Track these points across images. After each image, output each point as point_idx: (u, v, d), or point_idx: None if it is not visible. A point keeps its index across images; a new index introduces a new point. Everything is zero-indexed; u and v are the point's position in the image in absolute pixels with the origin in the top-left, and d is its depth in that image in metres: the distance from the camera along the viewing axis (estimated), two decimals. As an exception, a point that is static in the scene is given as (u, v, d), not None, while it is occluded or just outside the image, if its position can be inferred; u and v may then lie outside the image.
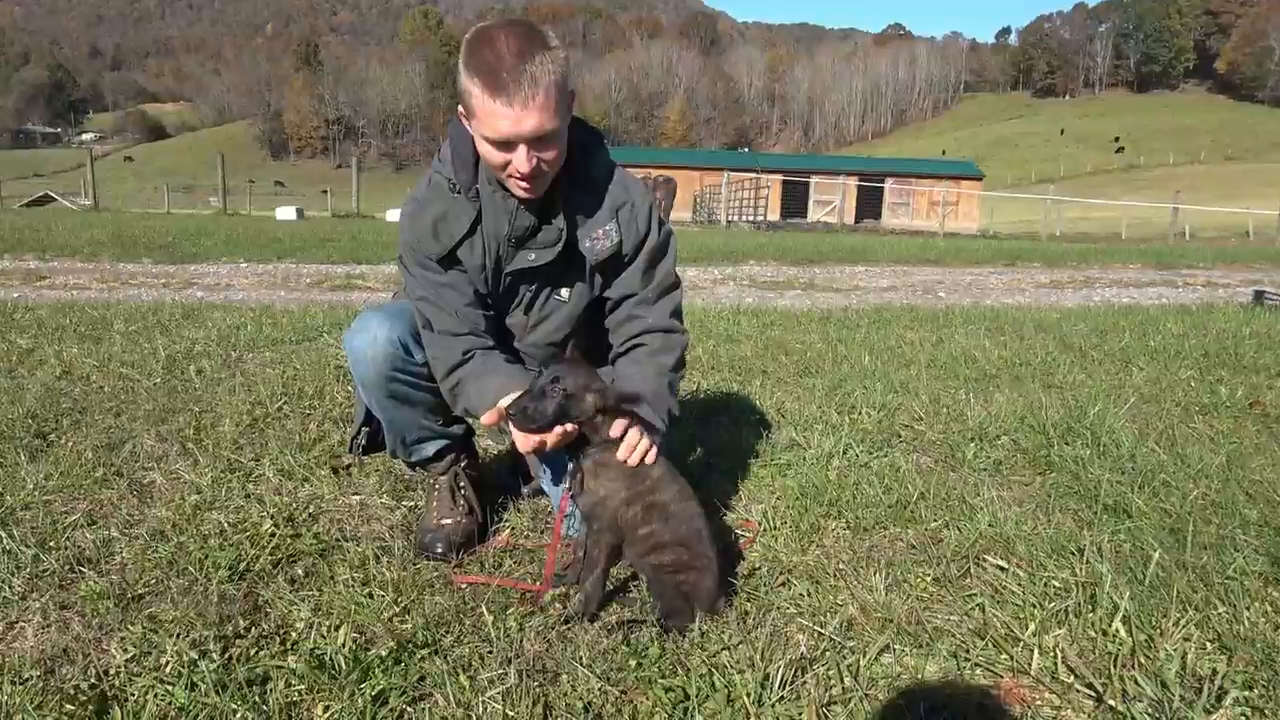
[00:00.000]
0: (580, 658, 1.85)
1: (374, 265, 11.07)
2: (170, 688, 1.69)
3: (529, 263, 2.22)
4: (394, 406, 2.37)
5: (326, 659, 1.79)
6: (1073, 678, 1.81)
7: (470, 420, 2.70)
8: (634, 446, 1.97)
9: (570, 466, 2.04)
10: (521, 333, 2.40)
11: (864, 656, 1.87)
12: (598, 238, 2.21)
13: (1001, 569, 2.27)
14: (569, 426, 1.92)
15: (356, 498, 2.76)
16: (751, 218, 32.96)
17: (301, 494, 2.76)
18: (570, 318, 2.35)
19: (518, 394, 2.01)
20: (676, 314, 2.34)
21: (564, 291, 2.31)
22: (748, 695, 1.70)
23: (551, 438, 1.94)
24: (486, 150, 2.01)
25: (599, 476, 1.99)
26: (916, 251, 15.83)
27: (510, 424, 1.94)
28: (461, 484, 2.56)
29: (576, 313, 2.34)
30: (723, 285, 10.20)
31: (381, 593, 2.09)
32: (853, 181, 44.96)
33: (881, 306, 8.06)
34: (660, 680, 1.77)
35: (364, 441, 2.54)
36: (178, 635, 1.87)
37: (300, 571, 2.21)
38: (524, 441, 1.97)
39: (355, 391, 2.52)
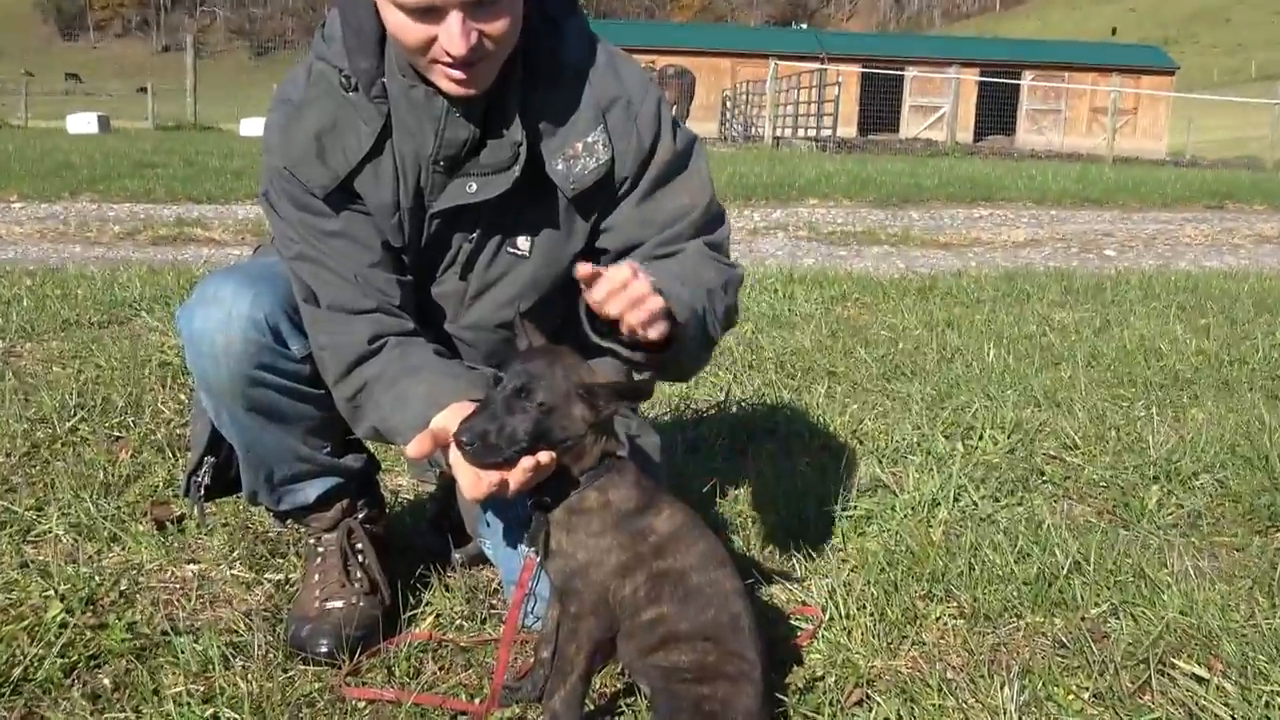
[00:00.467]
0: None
1: (222, 205, 11.12)
2: None
3: (468, 197, 2.23)
4: (256, 425, 2.38)
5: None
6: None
7: (374, 448, 2.70)
8: (614, 281, 1.88)
9: (533, 518, 2.05)
10: (456, 308, 2.40)
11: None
12: (575, 155, 2.21)
13: (1199, 680, 2.29)
14: (543, 456, 1.93)
15: (194, 567, 2.76)
16: (813, 132, 32.96)
17: (108, 562, 2.75)
18: (533, 283, 2.35)
19: (459, 407, 2.01)
20: (723, 251, 2.35)
21: (522, 242, 2.32)
22: None
23: (518, 475, 1.93)
24: (399, 22, 2.01)
25: (575, 530, 2.00)
26: (1071, 186, 15.92)
27: (455, 457, 1.94)
28: (359, 546, 2.56)
29: (543, 277, 2.35)
30: (767, 238, 10.25)
31: (235, 715, 2.10)
32: (970, 76, 44.93)
33: (1015, 272, 8.11)
34: None
35: (207, 480, 2.55)
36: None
37: (107, 683, 2.22)
38: (474, 484, 1.92)
39: (195, 402, 2.52)
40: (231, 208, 10.99)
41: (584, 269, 1.91)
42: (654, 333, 1.94)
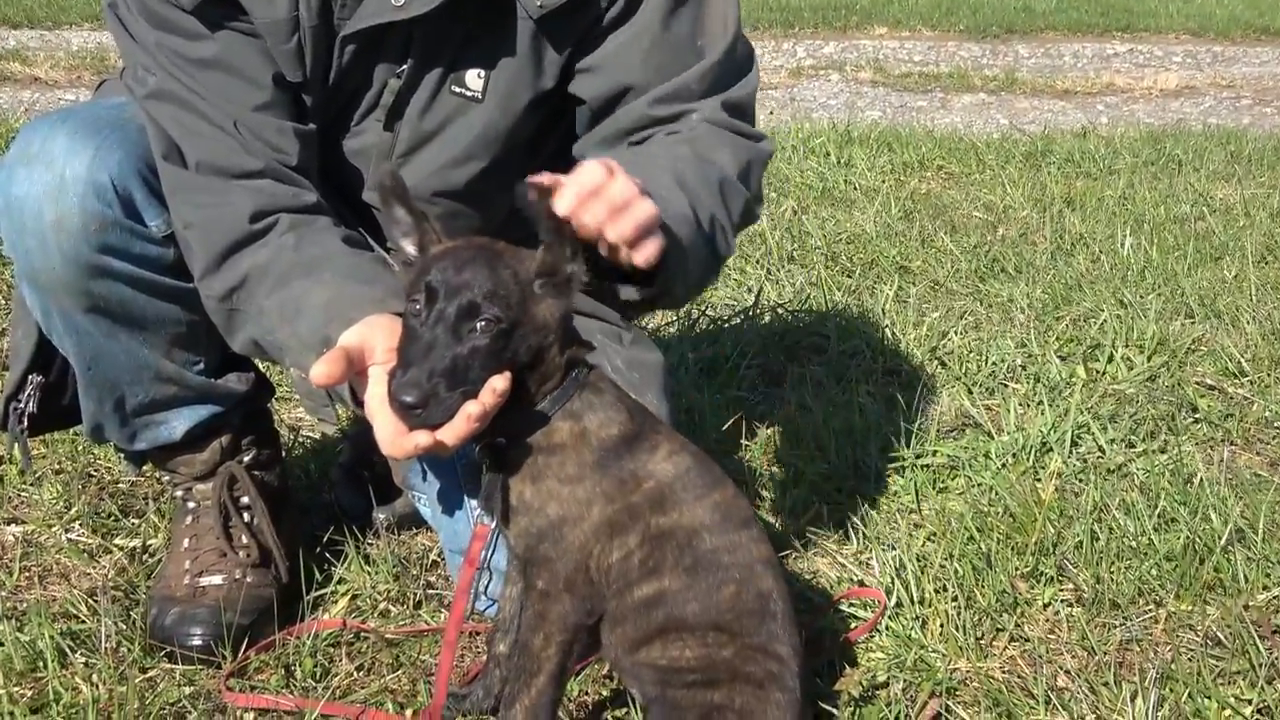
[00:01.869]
0: None
1: (50, 30, 10.99)
2: None
3: (393, 12, 2.21)
4: (100, 331, 2.37)
5: None
6: None
7: (265, 367, 2.70)
8: (585, 183, 1.84)
9: (483, 466, 2.06)
10: (380, 169, 2.39)
11: None
12: (544, -43, 2.22)
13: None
14: (498, 384, 1.92)
15: (15, 530, 2.78)
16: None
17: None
18: (486, 137, 2.36)
19: (380, 321, 2.00)
20: (745, 115, 2.36)
21: (473, 80, 2.32)
22: None
23: (460, 427, 1.93)
24: None
25: (543, 477, 2.01)
26: (1243, 12, 15.70)
27: (374, 397, 1.92)
28: (244, 501, 2.58)
29: (501, 129, 2.35)
30: (816, 81, 10.16)
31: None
32: None
33: (1162, 131, 8.05)
34: None
35: (32, 408, 2.54)
36: None
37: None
38: (398, 436, 1.89)
39: (16, 299, 2.51)
40: (63, 34, 10.86)
41: (539, 179, 1.85)
42: (643, 254, 1.89)
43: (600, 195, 1.84)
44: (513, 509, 2.02)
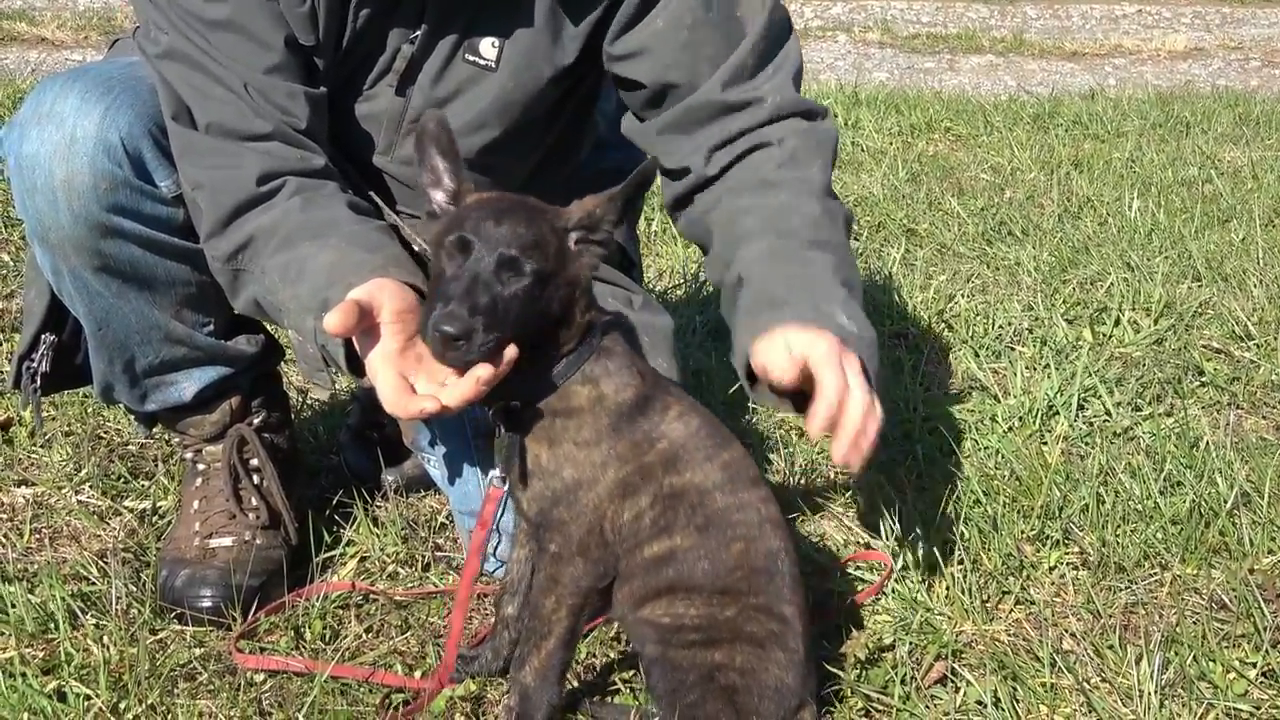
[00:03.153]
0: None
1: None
2: None
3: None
4: (111, 292, 2.37)
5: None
6: None
7: (276, 330, 2.71)
8: (835, 407, 1.95)
9: (497, 428, 2.07)
10: (391, 135, 2.40)
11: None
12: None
13: None
14: (510, 353, 1.92)
15: (26, 491, 2.79)
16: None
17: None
18: (500, 106, 2.36)
19: (387, 284, 2.00)
20: (800, 83, 2.39)
21: (487, 48, 2.31)
22: None
23: (467, 388, 1.94)
24: None
25: (560, 440, 2.01)
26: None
27: (381, 355, 1.92)
28: (253, 463, 2.58)
29: (515, 99, 2.35)
30: (823, 42, 10.12)
31: (87, 691, 2.12)
32: None
33: (1170, 93, 8.02)
34: None
35: (45, 367, 2.55)
36: None
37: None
38: (402, 395, 1.92)
39: (27, 259, 2.51)
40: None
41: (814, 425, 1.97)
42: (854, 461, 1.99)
43: (844, 415, 1.96)
44: (529, 472, 2.03)
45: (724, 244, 2.28)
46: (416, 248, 2.33)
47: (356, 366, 2.05)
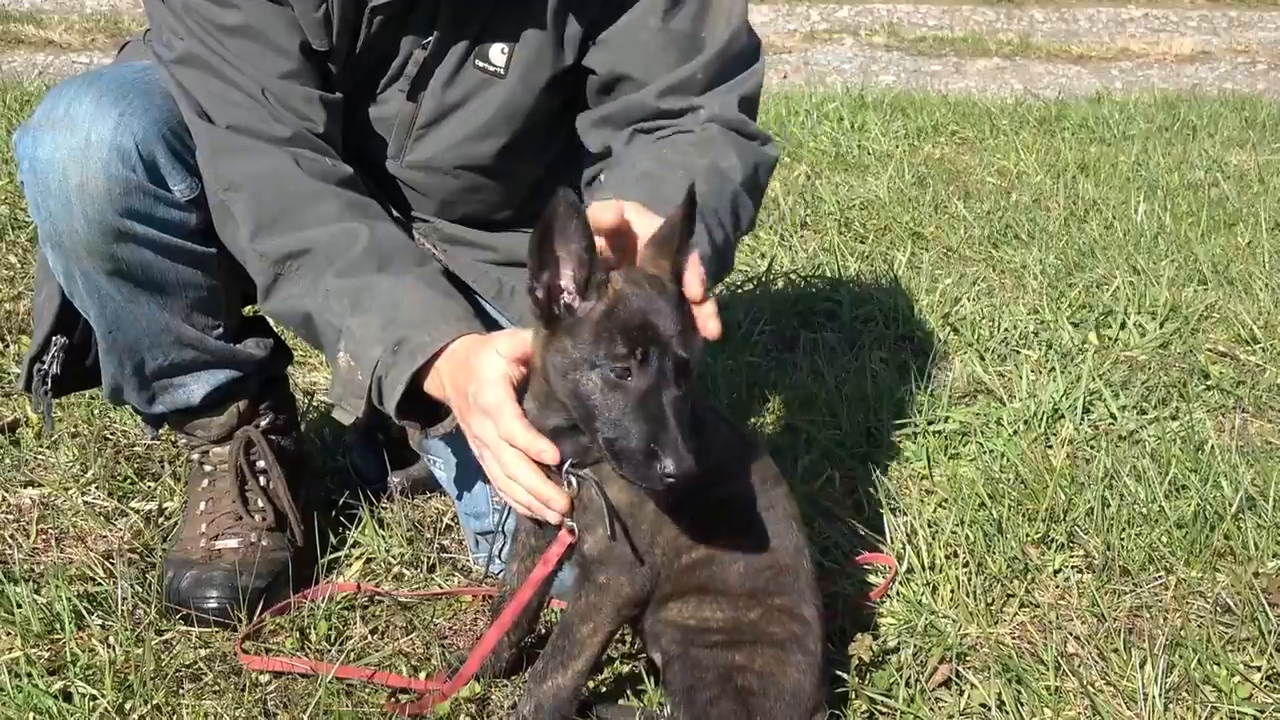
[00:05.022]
0: None
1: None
2: None
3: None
4: (122, 295, 2.37)
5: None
6: None
7: (283, 333, 2.71)
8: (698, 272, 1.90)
9: (572, 482, 1.99)
10: (401, 139, 2.41)
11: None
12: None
13: None
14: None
15: (33, 492, 2.78)
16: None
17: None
18: (508, 112, 2.36)
19: (518, 340, 1.96)
20: (751, 109, 2.38)
21: (497, 55, 2.32)
22: None
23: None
24: None
25: (614, 476, 1.93)
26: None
27: (516, 426, 1.91)
28: (260, 465, 2.58)
29: (522, 105, 2.36)
30: (829, 45, 10.09)
31: (92, 691, 2.12)
32: None
33: (1177, 96, 8.00)
34: None
35: (55, 369, 2.55)
36: None
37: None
38: (546, 491, 1.95)
39: (39, 262, 2.51)
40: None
41: (607, 212, 1.92)
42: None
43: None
44: (586, 515, 2.00)
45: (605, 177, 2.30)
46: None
47: (406, 409, 2.09)
